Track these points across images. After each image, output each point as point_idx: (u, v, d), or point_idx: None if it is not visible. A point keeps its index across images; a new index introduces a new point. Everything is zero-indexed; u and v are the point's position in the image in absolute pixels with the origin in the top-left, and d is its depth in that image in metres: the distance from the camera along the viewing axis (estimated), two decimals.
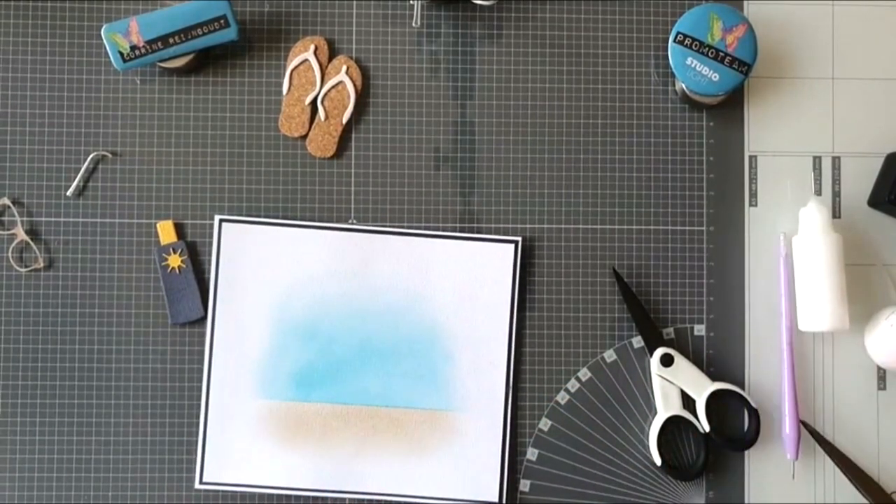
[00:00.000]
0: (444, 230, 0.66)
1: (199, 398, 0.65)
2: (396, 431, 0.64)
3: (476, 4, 0.66)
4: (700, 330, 0.66)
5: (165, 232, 0.65)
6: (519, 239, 0.65)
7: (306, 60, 0.66)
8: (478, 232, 0.66)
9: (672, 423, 0.64)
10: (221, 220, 0.65)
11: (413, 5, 0.66)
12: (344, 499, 0.65)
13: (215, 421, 0.64)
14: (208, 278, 0.65)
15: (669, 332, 0.66)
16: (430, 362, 0.65)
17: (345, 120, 0.66)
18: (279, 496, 0.65)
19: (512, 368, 0.65)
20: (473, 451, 0.64)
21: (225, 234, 0.65)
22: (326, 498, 0.65)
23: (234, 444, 0.64)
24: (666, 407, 0.64)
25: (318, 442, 0.64)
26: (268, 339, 0.65)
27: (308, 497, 0.65)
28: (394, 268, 0.65)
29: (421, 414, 0.65)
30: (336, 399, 0.65)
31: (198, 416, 0.65)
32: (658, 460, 0.64)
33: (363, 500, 0.65)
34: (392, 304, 0.65)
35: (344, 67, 0.66)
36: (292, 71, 0.66)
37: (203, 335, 0.65)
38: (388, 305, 0.65)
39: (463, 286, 0.65)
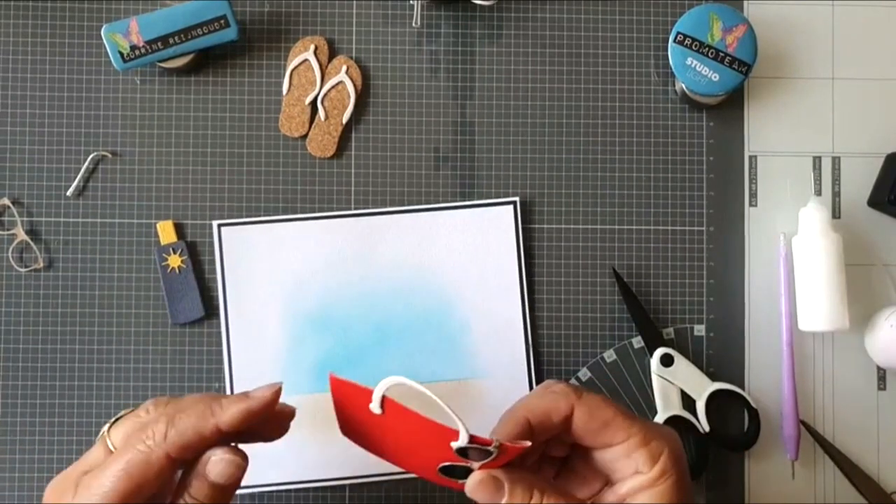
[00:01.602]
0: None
1: None
2: (425, 406, 0.64)
3: (476, 4, 0.66)
4: (700, 330, 0.66)
5: (165, 232, 0.65)
6: (517, 199, 0.65)
7: (306, 60, 0.66)
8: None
9: (672, 424, 0.64)
10: (220, 226, 0.65)
11: (413, 5, 0.66)
12: (382, 482, 0.64)
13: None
14: (209, 278, 0.65)
15: (669, 332, 0.66)
16: (448, 333, 0.65)
17: (345, 120, 0.66)
18: (312, 489, 0.65)
19: (529, 324, 0.65)
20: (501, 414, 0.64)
21: (225, 238, 0.65)
22: (363, 484, 0.65)
23: (262, 446, 0.64)
24: (666, 407, 0.64)
25: None
26: (284, 337, 0.65)
27: (344, 486, 0.65)
28: (398, 246, 0.65)
29: (446, 386, 0.65)
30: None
31: None
32: None
33: (400, 480, 0.64)
34: (402, 283, 0.65)
35: (344, 67, 0.66)
36: (292, 71, 0.66)
37: (202, 335, 0.65)
38: (397, 284, 0.65)
39: (469, 253, 0.65)
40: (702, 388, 0.64)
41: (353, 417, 0.52)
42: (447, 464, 0.49)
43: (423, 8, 0.67)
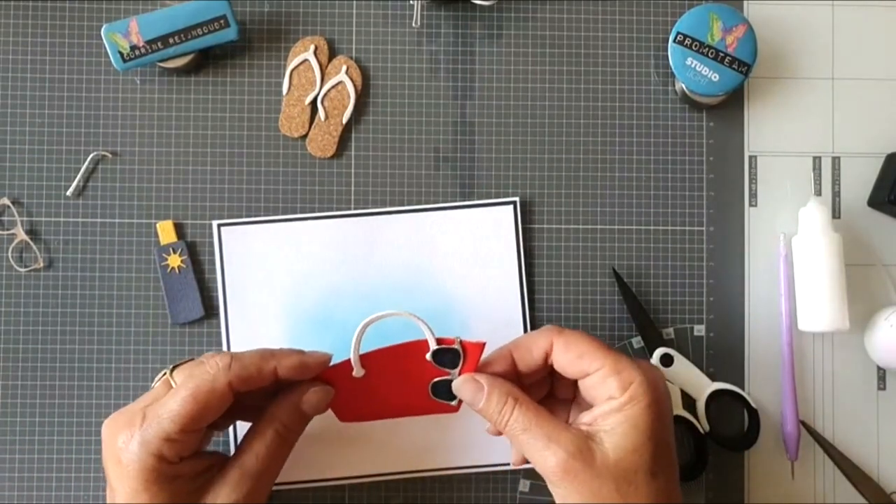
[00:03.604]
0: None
1: None
2: None
3: (476, 4, 0.66)
4: (700, 330, 0.66)
5: (165, 232, 0.65)
6: (517, 199, 0.65)
7: (306, 60, 0.66)
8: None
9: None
10: (220, 226, 0.65)
11: (413, 5, 0.66)
12: (382, 482, 0.65)
13: (243, 427, 0.64)
14: (209, 279, 0.65)
15: (669, 332, 0.66)
16: (448, 333, 0.64)
17: (345, 120, 0.66)
18: (312, 489, 0.65)
19: (529, 324, 0.65)
20: None
21: (225, 238, 0.65)
22: (363, 484, 0.65)
23: None
24: None
25: (344, 429, 0.64)
26: (284, 337, 0.65)
27: (343, 486, 0.65)
28: (398, 246, 0.65)
29: None
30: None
31: None
32: None
33: (400, 480, 0.65)
34: (402, 282, 0.65)
35: (344, 67, 0.66)
36: (292, 71, 0.66)
37: (202, 335, 0.65)
38: (397, 284, 0.65)
39: (468, 253, 0.65)
40: (702, 388, 0.64)
41: (346, 396, 0.57)
42: (435, 380, 0.55)
43: (423, 8, 0.67)
